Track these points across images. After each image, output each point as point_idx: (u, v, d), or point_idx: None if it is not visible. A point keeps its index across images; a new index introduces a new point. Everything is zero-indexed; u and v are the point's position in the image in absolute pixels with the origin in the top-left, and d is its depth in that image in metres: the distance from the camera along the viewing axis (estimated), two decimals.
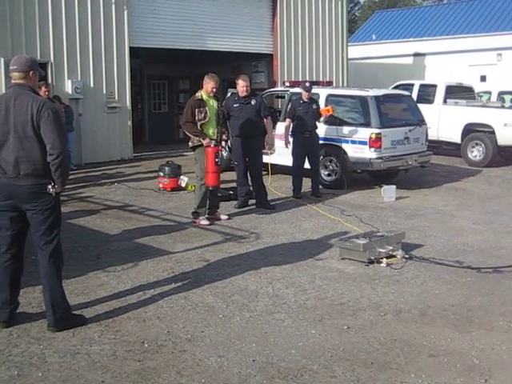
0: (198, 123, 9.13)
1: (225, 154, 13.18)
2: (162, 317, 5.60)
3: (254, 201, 10.53)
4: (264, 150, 10.74)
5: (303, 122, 11.37)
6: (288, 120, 11.61)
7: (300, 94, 11.82)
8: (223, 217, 9.59)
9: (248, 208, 10.35)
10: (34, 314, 5.58)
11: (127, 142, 17.13)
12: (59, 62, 15.46)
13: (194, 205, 9.48)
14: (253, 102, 10.21)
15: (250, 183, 10.50)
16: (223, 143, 9.68)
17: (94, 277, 6.73)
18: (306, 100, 11.56)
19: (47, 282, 5.23)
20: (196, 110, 9.12)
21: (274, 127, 11.62)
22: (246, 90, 10.12)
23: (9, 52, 14.12)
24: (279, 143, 11.91)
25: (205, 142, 9.08)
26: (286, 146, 11.64)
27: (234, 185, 10.98)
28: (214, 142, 9.13)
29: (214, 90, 9.22)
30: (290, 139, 11.61)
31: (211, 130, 9.27)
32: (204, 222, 9.25)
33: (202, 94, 9.25)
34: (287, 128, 11.62)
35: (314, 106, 11.60)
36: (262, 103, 10.48)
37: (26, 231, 5.34)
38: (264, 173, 12.27)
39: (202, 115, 9.11)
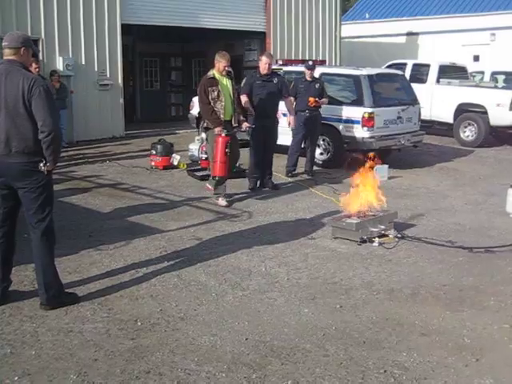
0: (212, 102, 8.93)
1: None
2: (154, 295, 5.61)
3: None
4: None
5: (303, 101, 11.31)
6: (291, 98, 11.53)
7: (303, 72, 11.76)
8: (222, 202, 9.10)
9: (241, 186, 10.32)
10: (27, 292, 5.57)
11: (119, 119, 17.06)
12: (50, 39, 15.33)
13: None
14: (275, 81, 10.11)
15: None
16: (245, 125, 9.36)
17: (87, 255, 6.72)
18: (308, 79, 11.51)
19: (39, 261, 5.21)
20: (209, 88, 8.92)
21: None
22: (268, 67, 9.98)
23: None
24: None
25: (216, 130, 8.88)
26: (288, 125, 11.55)
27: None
28: (225, 131, 8.90)
29: (226, 68, 9.05)
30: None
31: (228, 111, 9.07)
32: (222, 202, 9.09)
33: (213, 72, 9.07)
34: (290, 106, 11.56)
35: (317, 85, 11.53)
36: (284, 82, 10.42)
37: (18, 209, 5.32)
38: None
39: (216, 93, 8.90)
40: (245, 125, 9.39)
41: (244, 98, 9.85)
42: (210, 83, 8.98)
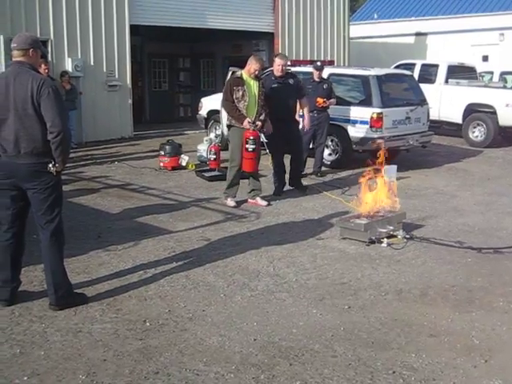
0: (236, 101, 8.93)
1: (225, 132, 13.07)
2: (163, 296, 5.62)
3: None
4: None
5: (311, 101, 11.24)
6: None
7: (311, 73, 11.75)
8: (262, 202, 9.24)
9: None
10: (36, 293, 5.59)
11: (128, 120, 17.10)
12: (59, 40, 15.37)
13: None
14: (291, 82, 9.92)
15: (290, 163, 10.26)
16: (258, 124, 9.08)
17: (95, 256, 6.73)
18: (316, 79, 11.51)
19: (49, 261, 5.23)
20: (234, 87, 8.94)
21: None
22: (281, 69, 9.79)
23: (8, 29, 14.01)
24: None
25: (243, 125, 8.89)
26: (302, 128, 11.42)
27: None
28: (253, 125, 8.91)
29: (257, 72, 9.05)
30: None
31: (251, 112, 9.01)
32: (231, 203, 9.10)
33: (242, 73, 9.08)
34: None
35: (325, 86, 11.53)
36: (300, 83, 10.20)
37: (27, 210, 5.33)
38: (263, 152, 12.25)
39: (240, 93, 8.90)
40: (258, 124, 9.10)
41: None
42: (236, 82, 9.01)
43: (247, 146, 8.87)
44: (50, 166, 5.04)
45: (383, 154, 8.35)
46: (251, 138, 8.87)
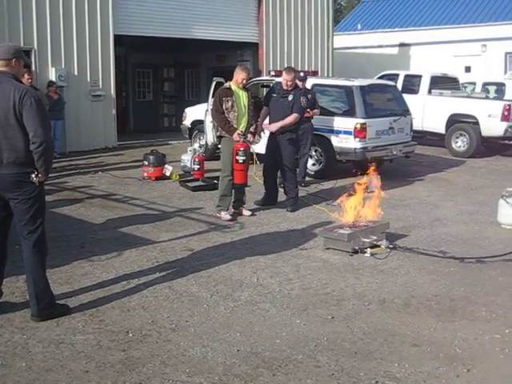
0: (225, 112, 8.91)
1: (209, 142, 13.08)
2: (146, 306, 5.60)
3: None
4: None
5: None
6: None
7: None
8: (246, 212, 9.26)
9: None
10: (18, 304, 5.55)
11: (111, 130, 17.07)
12: (43, 50, 15.35)
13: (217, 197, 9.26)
14: (289, 98, 9.73)
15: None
16: (249, 136, 9.07)
17: (78, 266, 6.70)
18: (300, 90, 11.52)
19: (31, 272, 5.20)
20: (223, 98, 8.94)
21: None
22: (285, 83, 9.74)
23: None
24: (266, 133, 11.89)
25: (234, 136, 8.88)
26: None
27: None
28: (243, 137, 8.90)
29: (244, 81, 9.07)
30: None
31: (242, 124, 9.03)
32: (226, 216, 8.97)
33: (230, 84, 9.10)
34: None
35: (309, 96, 11.55)
36: (297, 101, 9.79)
37: (10, 220, 5.30)
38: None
39: (230, 104, 8.89)
40: (249, 136, 9.10)
41: (261, 111, 9.93)
42: (224, 93, 9.02)
43: (237, 157, 8.88)
44: (33, 176, 5.01)
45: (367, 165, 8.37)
46: (241, 149, 8.88)
